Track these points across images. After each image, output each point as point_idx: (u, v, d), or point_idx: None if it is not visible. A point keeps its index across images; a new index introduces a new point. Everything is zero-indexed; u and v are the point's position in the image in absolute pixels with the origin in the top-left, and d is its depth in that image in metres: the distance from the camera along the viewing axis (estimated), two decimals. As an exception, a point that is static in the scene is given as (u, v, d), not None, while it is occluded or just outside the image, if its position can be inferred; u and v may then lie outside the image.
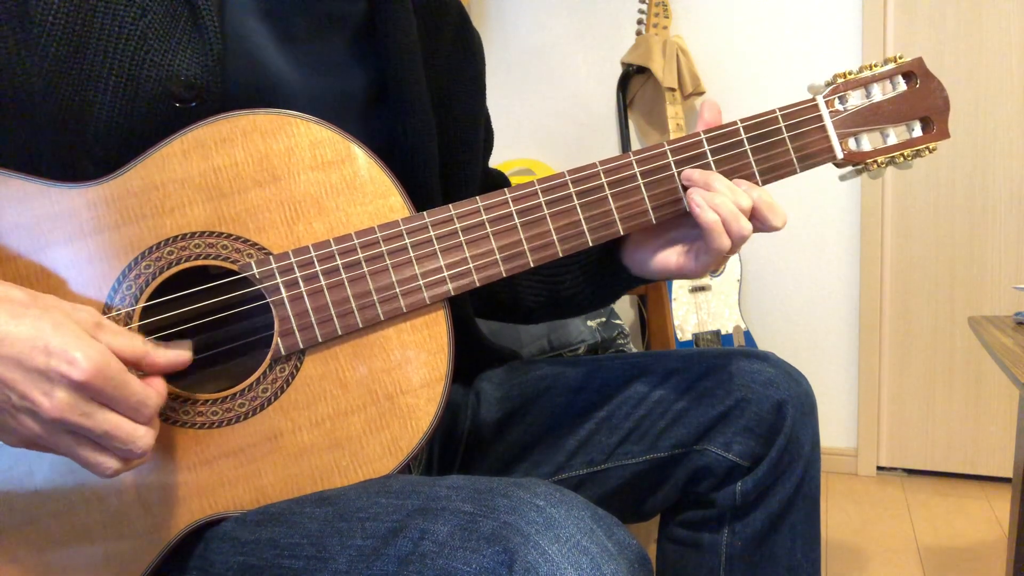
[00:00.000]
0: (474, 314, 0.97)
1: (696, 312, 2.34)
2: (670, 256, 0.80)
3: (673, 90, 2.35)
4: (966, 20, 2.18)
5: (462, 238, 0.71)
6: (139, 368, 0.59)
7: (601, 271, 0.87)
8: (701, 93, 2.43)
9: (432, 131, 0.81)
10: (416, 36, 0.81)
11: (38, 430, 0.54)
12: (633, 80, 2.50)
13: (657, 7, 2.37)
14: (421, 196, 0.79)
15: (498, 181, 0.98)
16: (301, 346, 0.67)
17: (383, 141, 0.77)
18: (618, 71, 2.51)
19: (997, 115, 2.18)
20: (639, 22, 2.41)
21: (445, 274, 0.70)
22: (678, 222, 0.79)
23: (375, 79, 0.80)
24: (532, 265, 0.73)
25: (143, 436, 0.56)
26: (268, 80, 0.72)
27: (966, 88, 2.20)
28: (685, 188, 0.76)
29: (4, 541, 0.62)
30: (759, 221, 0.75)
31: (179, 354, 0.61)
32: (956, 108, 2.12)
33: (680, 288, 2.33)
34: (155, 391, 0.58)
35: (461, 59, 0.89)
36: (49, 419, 0.53)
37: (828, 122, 0.79)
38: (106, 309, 0.63)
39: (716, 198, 0.73)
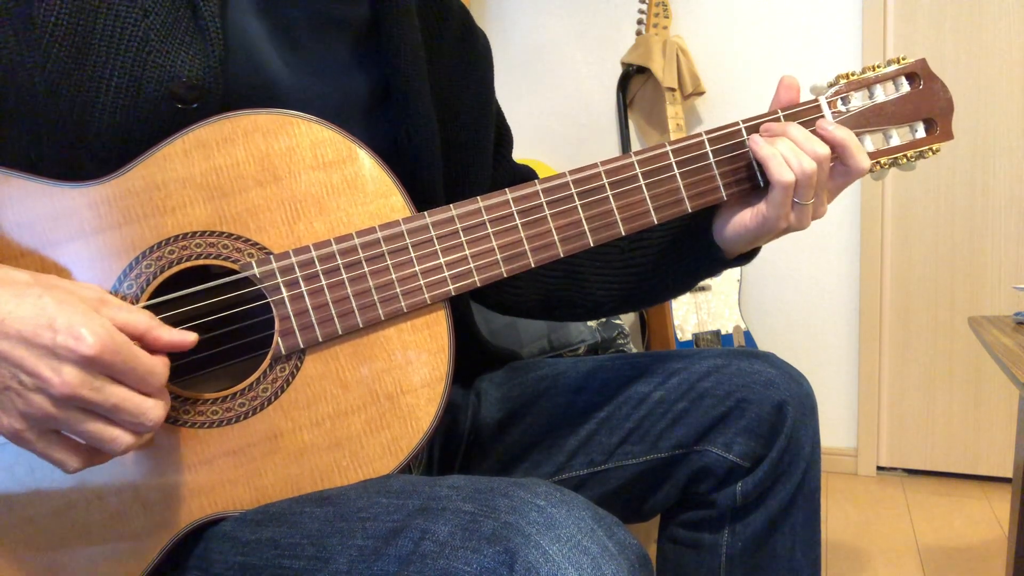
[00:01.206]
0: (529, 315, 0.96)
1: (696, 312, 2.34)
2: (745, 214, 0.79)
3: (673, 90, 2.35)
4: (966, 20, 2.18)
5: (463, 238, 0.71)
6: (142, 343, 0.59)
7: (681, 246, 0.87)
8: (701, 93, 2.43)
9: (435, 134, 0.81)
10: (419, 39, 0.81)
11: (49, 408, 0.54)
12: (633, 80, 2.50)
13: (657, 7, 2.37)
14: (424, 199, 0.78)
15: (526, 176, 0.97)
16: (301, 346, 0.67)
17: (386, 144, 0.77)
18: (618, 71, 2.51)
19: (997, 115, 2.18)
20: (639, 22, 2.41)
21: (446, 274, 0.70)
22: (751, 196, 0.80)
23: (378, 82, 0.79)
24: (533, 265, 0.73)
25: (153, 407, 0.57)
26: (270, 82, 0.72)
27: (966, 89, 2.19)
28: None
29: (3, 539, 0.62)
30: (842, 160, 0.76)
31: (183, 334, 0.61)
32: (956, 109, 2.11)
33: (680, 288, 2.32)
34: (161, 361, 0.59)
35: (465, 62, 0.89)
36: (60, 395, 0.53)
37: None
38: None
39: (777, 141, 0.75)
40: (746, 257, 0.85)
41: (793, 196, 0.75)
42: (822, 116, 0.78)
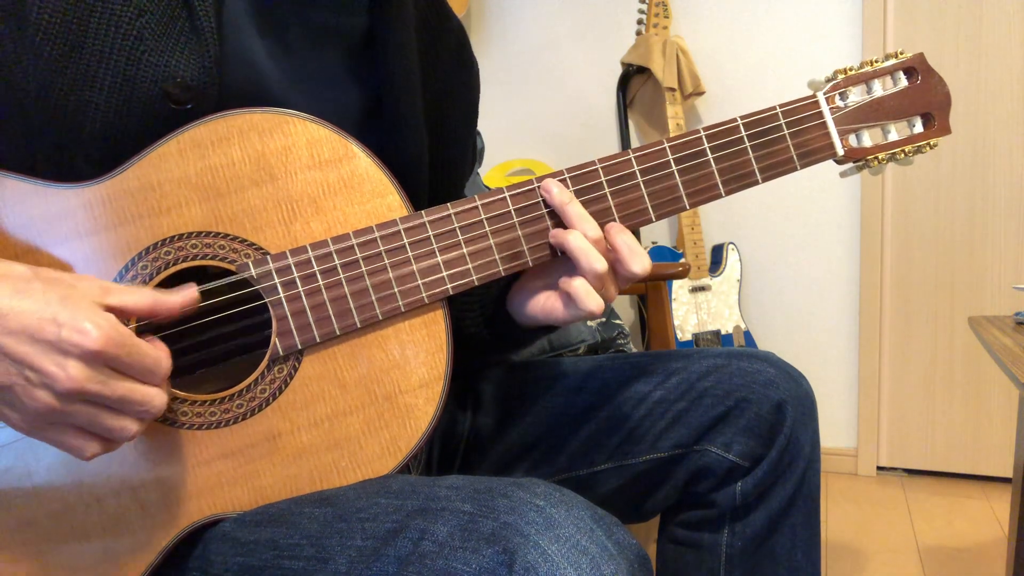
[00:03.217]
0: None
1: (696, 312, 2.34)
2: (541, 300, 0.77)
3: (673, 90, 2.35)
4: (966, 20, 2.18)
5: (460, 237, 0.70)
6: (155, 317, 0.60)
7: (496, 315, 0.84)
8: (701, 93, 2.43)
9: (424, 150, 0.80)
10: (416, 55, 0.80)
11: (54, 403, 0.54)
12: (633, 80, 2.50)
13: (657, 7, 2.37)
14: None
15: None
16: (299, 346, 0.67)
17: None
18: (618, 71, 2.51)
19: (997, 115, 2.18)
20: (639, 22, 2.41)
21: (443, 273, 0.70)
22: (553, 267, 0.77)
23: (371, 95, 0.79)
24: (531, 264, 0.73)
25: (157, 395, 0.57)
26: (263, 87, 0.71)
27: (966, 88, 2.19)
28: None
29: (1, 542, 0.62)
30: (619, 264, 0.72)
31: (188, 294, 0.61)
32: (956, 108, 2.11)
33: (680, 288, 2.32)
34: (164, 353, 0.59)
35: (458, 82, 0.88)
36: (65, 391, 0.53)
37: (828, 118, 0.78)
38: (103, 309, 0.63)
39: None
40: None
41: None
42: (820, 111, 0.78)
